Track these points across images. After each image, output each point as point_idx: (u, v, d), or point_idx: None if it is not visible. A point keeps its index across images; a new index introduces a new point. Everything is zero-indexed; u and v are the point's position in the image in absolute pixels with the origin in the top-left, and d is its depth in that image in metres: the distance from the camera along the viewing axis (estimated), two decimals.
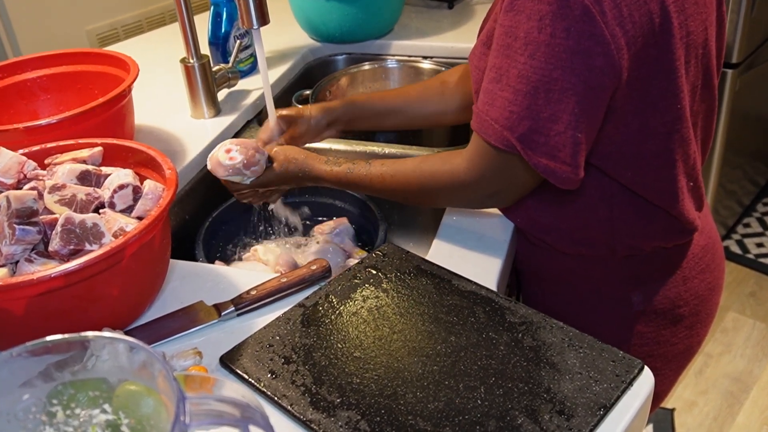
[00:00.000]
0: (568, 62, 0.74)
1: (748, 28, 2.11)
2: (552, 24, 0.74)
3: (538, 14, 0.75)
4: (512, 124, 0.78)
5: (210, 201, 1.25)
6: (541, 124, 0.77)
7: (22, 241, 0.75)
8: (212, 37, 1.46)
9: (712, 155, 2.32)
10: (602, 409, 0.67)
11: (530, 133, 0.78)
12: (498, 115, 0.80)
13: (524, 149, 0.79)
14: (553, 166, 0.78)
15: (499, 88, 0.79)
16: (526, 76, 0.76)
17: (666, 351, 1.00)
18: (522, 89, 0.77)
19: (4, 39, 2.33)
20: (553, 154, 0.78)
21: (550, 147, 0.78)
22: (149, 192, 0.82)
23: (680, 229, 0.92)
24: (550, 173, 0.79)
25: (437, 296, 0.83)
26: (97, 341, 0.50)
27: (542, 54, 0.75)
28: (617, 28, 0.74)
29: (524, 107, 0.77)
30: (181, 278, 0.92)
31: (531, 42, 0.76)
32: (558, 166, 0.78)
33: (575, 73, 0.75)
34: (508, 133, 0.79)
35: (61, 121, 1.01)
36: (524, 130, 0.78)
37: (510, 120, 0.79)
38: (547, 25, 0.74)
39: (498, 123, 0.80)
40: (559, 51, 0.74)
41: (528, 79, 0.76)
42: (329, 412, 0.68)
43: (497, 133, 0.80)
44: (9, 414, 0.49)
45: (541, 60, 0.75)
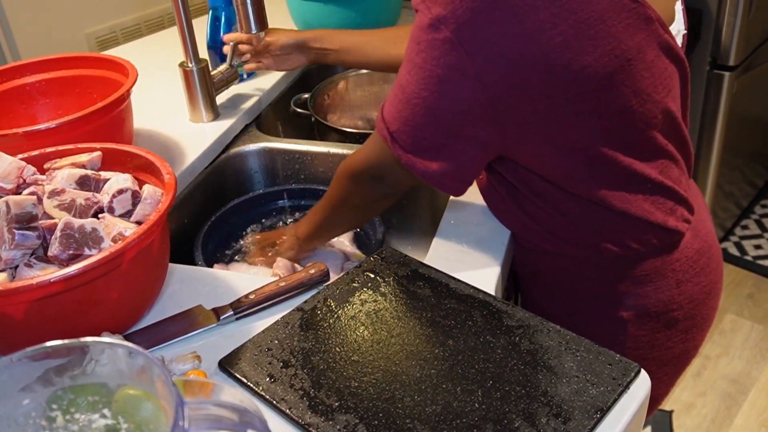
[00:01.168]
0: (436, 87, 0.81)
1: (746, 30, 2.11)
2: (426, 50, 0.80)
3: (417, 38, 0.82)
4: (390, 119, 0.87)
5: (209, 205, 1.25)
6: (410, 130, 0.85)
7: (21, 246, 0.75)
8: (211, 41, 1.47)
9: (709, 158, 2.33)
10: (599, 413, 0.67)
11: (399, 133, 0.86)
12: (387, 106, 0.88)
13: (392, 142, 0.87)
14: (414, 161, 0.86)
15: (395, 86, 0.87)
16: (404, 87, 0.84)
17: (661, 355, 1.01)
18: (399, 96, 0.85)
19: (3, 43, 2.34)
20: (417, 152, 0.85)
21: (420, 149, 0.85)
22: (148, 197, 0.82)
23: (656, 229, 0.92)
24: (411, 166, 0.86)
25: (435, 300, 0.83)
26: (97, 346, 0.51)
27: (416, 73, 0.82)
28: (486, 65, 0.78)
29: (398, 110, 0.85)
30: (180, 282, 0.92)
31: (410, 60, 0.83)
32: (424, 165, 0.85)
33: (442, 98, 0.81)
34: (384, 124, 0.88)
35: (60, 125, 1.02)
36: (396, 128, 0.86)
37: (390, 115, 0.87)
38: (422, 50, 0.81)
39: (382, 112, 0.89)
40: (429, 75, 0.81)
41: (404, 90, 0.84)
42: (327, 415, 0.69)
43: (379, 121, 0.89)
44: (9, 419, 0.49)
45: (415, 77, 0.82)
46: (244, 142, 1.35)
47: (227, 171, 1.32)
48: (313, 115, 1.40)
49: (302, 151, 1.32)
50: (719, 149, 2.31)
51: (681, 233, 0.95)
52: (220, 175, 1.30)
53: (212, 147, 1.29)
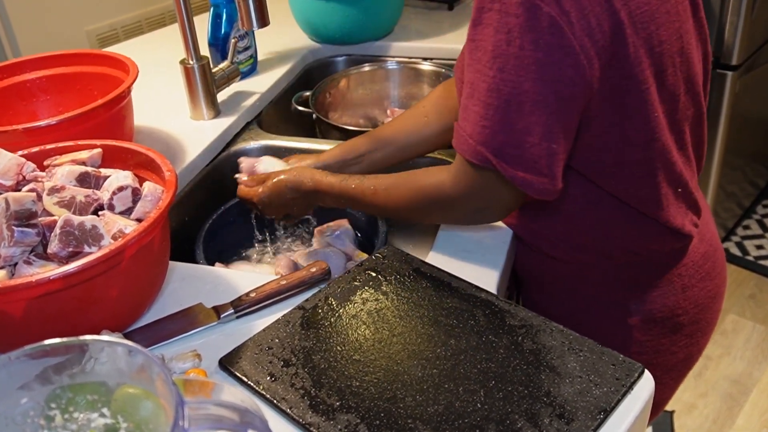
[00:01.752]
0: (538, 74, 0.74)
1: (748, 30, 2.11)
2: (520, 36, 0.74)
3: (506, 27, 0.74)
4: (486, 139, 0.78)
5: (209, 203, 1.24)
6: (514, 137, 0.77)
7: (20, 243, 0.75)
8: (212, 38, 1.46)
9: (711, 157, 2.32)
10: (602, 413, 0.67)
11: (504, 146, 0.78)
12: (472, 130, 0.80)
13: (499, 163, 0.78)
14: (530, 179, 0.78)
15: (473, 104, 0.79)
16: (497, 90, 0.76)
17: (665, 360, 1.00)
18: (493, 103, 0.77)
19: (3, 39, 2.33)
20: (529, 166, 0.78)
21: (525, 159, 0.78)
22: (148, 194, 0.82)
23: (672, 234, 0.91)
24: (528, 185, 0.79)
25: (437, 299, 0.82)
26: (96, 344, 0.50)
27: (512, 67, 0.75)
28: (586, 39, 0.74)
29: (496, 121, 0.77)
30: (181, 280, 0.91)
31: (500, 55, 0.75)
32: (535, 178, 0.78)
33: (546, 85, 0.75)
34: (482, 148, 0.79)
35: (60, 122, 1.01)
36: (498, 145, 0.78)
37: (483, 135, 0.78)
38: (515, 38, 0.74)
39: (473, 138, 0.80)
40: (529, 63, 0.74)
41: (499, 93, 0.76)
42: (328, 415, 0.68)
43: (472, 148, 0.80)
44: (7, 418, 0.49)
45: (511, 73, 0.75)
46: (246, 140, 1.34)
47: (228, 169, 1.32)
48: (315, 113, 1.40)
49: (303, 149, 1.31)
50: (721, 149, 2.31)
51: (691, 238, 0.94)
52: (221, 173, 1.30)
53: (213, 145, 1.28)
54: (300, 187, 1.01)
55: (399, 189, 0.93)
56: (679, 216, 0.90)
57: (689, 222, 0.92)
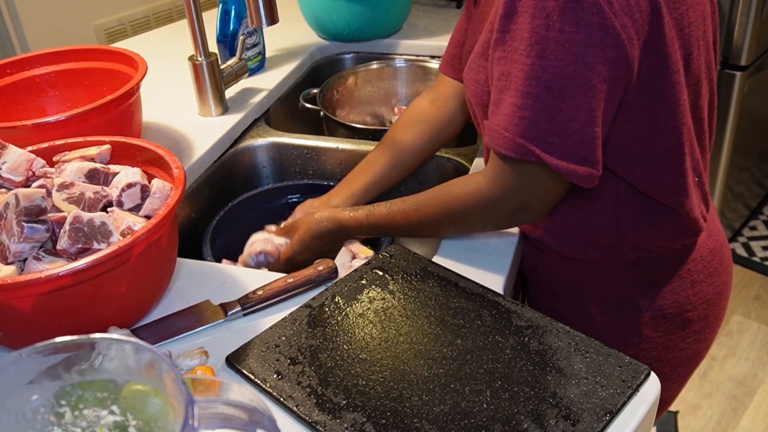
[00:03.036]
0: (581, 56, 0.72)
1: (758, 30, 2.10)
2: (560, 19, 0.72)
3: (544, 11, 0.72)
4: (525, 130, 0.76)
5: (217, 199, 1.25)
6: (556, 125, 0.75)
7: (30, 239, 0.75)
8: (220, 34, 1.46)
9: (719, 157, 2.31)
10: (608, 415, 0.67)
11: (546, 135, 0.75)
12: (508, 123, 0.77)
13: (543, 153, 0.76)
14: (574, 167, 0.76)
15: (508, 95, 0.77)
16: (536, 77, 0.74)
17: (674, 356, 1.00)
18: (532, 92, 0.74)
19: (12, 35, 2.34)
20: (573, 153, 0.75)
21: (569, 147, 0.75)
22: (157, 191, 0.82)
23: (686, 229, 0.91)
24: (573, 174, 0.76)
25: (444, 299, 0.82)
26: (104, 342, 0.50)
27: (552, 51, 0.73)
28: (626, 18, 0.72)
29: (536, 109, 0.75)
30: (188, 277, 0.92)
31: (538, 41, 0.73)
32: (579, 167, 0.76)
33: (588, 67, 0.73)
34: (522, 140, 0.76)
35: (69, 118, 1.01)
36: (539, 133, 0.75)
37: (522, 125, 0.76)
38: (555, 21, 0.72)
39: (510, 131, 0.77)
40: (570, 46, 0.72)
41: (539, 80, 0.74)
42: (335, 413, 0.69)
43: (510, 142, 0.77)
44: (18, 414, 0.49)
45: (551, 58, 0.73)
46: (253, 137, 1.34)
47: (236, 165, 1.32)
48: (322, 111, 1.40)
49: (311, 147, 1.31)
50: (729, 150, 2.30)
51: (700, 232, 0.94)
52: (228, 170, 1.30)
53: (221, 141, 1.28)
54: (325, 234, 1.00)
55: (431, 205, 0.90)
56: (696, 207, 0.90)
57: (701, 213, 0.93)
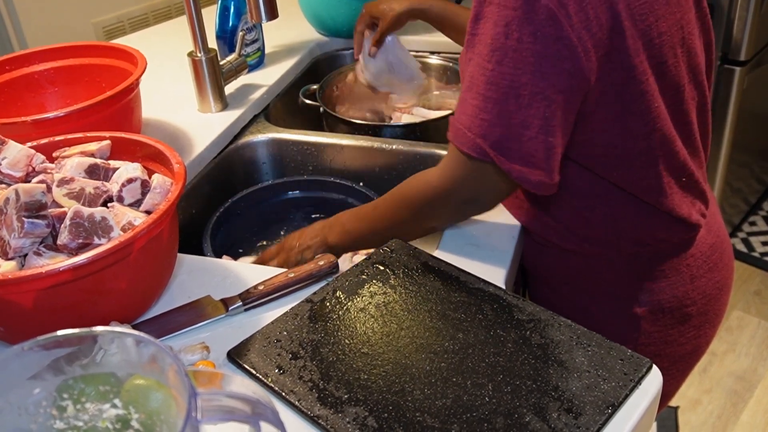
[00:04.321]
0: (536, 66, 0.75)
1: (757, 25, 2.10)
2: (518, 29, 0.74)
3: (504, 20, 0.75)
4: (484, 132, 0.79)
5: (217, 195, 1.25)
6: (512, 131, 0.78)
7: (30, 235, 0.75)
8: (220, 30, 1.46)
9: (718, 154, 2.31)
10: (610, 408, 0.67)
11: (502, 140, 0.78)
12: (470, 123, 0.80)
13: (497, 156, 0.79)
14: (527, 172, 0.79)
15: (471, 97, 0.80)
16: (495, 83, 0.77)
17: (673, 351, 1.00)
18: (492, 96, 0.77)
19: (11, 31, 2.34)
20: (527, 159, 0.78)
21: (523, 153, 0.78)
22: (157, 186, 0.82)
23: (679, 223, 0.92)
24: (524, 179, 0.80)
25: (445, 293, 0.82)
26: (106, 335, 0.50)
27: (510, 60, 0.76)
28: (584, 31, 0.74)
29: (495, 114, 0.78)
30: (189, 272, 0.92)
31: (498, 48, 0.76)
32: (531, 171, 0.79)
33: (544, 77, 0.75)
34: (480, 140, 0.79)
35: (68, 114, 1.01)
36: (496, 138, 0.79)
37: (482, 128, 0.79)
38: (513, 31, 0.75)
39: (470, 131, 0.80)
40: (527, 56, 0.75)
41: (497, 86, 0.77)
42: (337, 408, 0.68)
43: (470, 141, 0.81)
44: (20, 408, 0.49)
45: (509, 66, 0.76)
46: (253, 133, 1.34)
47: (235, 161, 1.32)
48: (322, 106, 1.39)
49: (311, 143, 1.31)
50: (728, 145, 2.30)
51: (698, 227, 0.94)
52: (228, 166, 1.30)
53: (221, 137, 1.28)
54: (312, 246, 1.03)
55: (389, 201, 0.95)
56: (684, 205, 0.91)
57: (696, 211, 0.93)
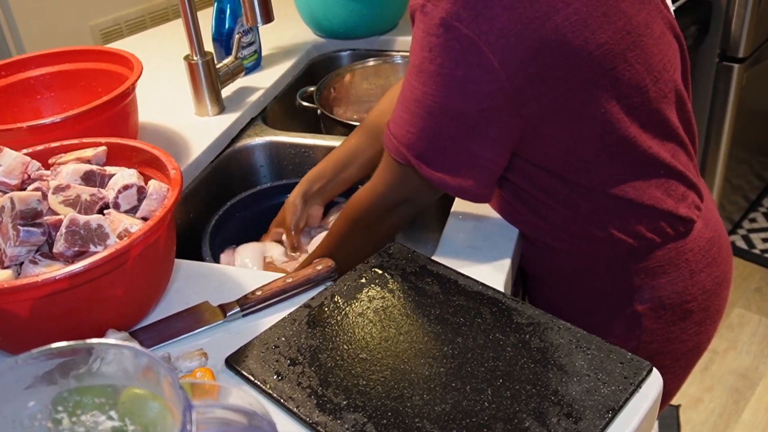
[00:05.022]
0: (458, 90, 0.78)
1: (755, 22, 2.09)
2: (441, 55, 0.77)
3: (428, 45, 0.78)
4: (409, 143, 0.83)
5: (214, 199, 1.24)
6: (435, 145, 0.82)
7: (26, 243, 0.74)
8: (216, 33, 1.46)
9: (718, 150, 2.31)
10: (610, 412, 0.66)
11: (426, 152, 0.82)
12: (397, 131, 0.85)
13: (419, 164, 0.83)
14: (448, 180, 0.83)
15: (401, 108, 0.84)
16: (421, 101, 0.81)
17: (675, 348, 1.00)
18: (418, 112, 0.81)
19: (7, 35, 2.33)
20: (449, 168, 0.83)
21: (446, 163, 0.82)
22: (154, 192, 0.82)
23: (669, 216, 0.92)
24: (445, 186, 0.83)
25: (443, 297, 0.82)
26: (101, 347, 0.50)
27: (433, 83, 0.79)
28: (505, 56, 0.75)
29: (419, 128, 0.82)
30: (186, 278, 0.91)
31: (423, 71, 0.79)
32: (452, 180, 0.83)
33: (465, 100, 0.78)
34: (404, 149, 0.84)
35: (65, 119, 1.01)
36: (419, 149, 0.83)
37: (407, 138, 0.83)
38: (436, 56, 0.78)
39: (397, 139, 0.85)
40: (448, 80, 0.78)
41: (422, 103, 0.80)
42: (336, 414, 0.68)
43: (396, 148, 0.85)
44: (15, 421, 0.49)
45: (432, 87, 0.79)
46: (250, 136, 1.34)
47: (233, 165, 1.32)
48: (320, 109, 1.39)
49: (308, 145, 1.31)
50: (727, 142, 2.30)
51: (693, 221, 0.94)
52: (225, 169, 1.30)
53: (218, 141, 1.28)
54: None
55: (333, 226, 0.99)
56: (669, 199, 0.91)
57: (686, 205, 0.93)
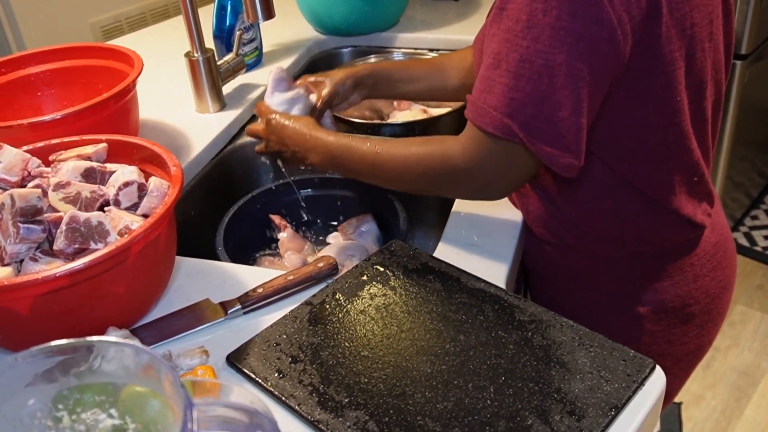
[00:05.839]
0: (574, 46, 0.72)
1: (758, 18, 2.09)
2: (558, 6, 0.72)
3: None
4: (513, 111, 0.76)
5: (216, 196, 1.24)
6: (544, 111, 0.75)
7: (26, 240, 0.74)
8: (216, 30, 1.45)
9: (720, 148, 2.31)
10: (613, 410, 0.66)
11: (533, 119, 0.75)
12: (497, 102, 0.77)
13: (527, 136, 0.76)
14: (557, 154, 0.76)
15: (498, 74, 0.76)
16: (529, 61, 0.74)
17: (676, 350, 0.99)
18: (524, 74, 0.74)
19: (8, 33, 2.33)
20: (557, 140, 0.76)
21: (554, 134, 0.75)
22: (154, 189, 0.81)
23: (685, 223, 0.91)
24: (554, 161, 0.77)
25: (445, 294, 0.82)
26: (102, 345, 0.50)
27: (546, 37, 0.73)
28: (624, 14, 0.72)
29: (527, 93, 0.75)
30: (187, 276, 0.91)
31: (535, 25, 0.73)
32: (561, 154, 0.76)
33: (580, 58, 0.73)
34: (509, 120, 0.76)
35: (65, 116, 1.00)
36: (526, 118, 0.75)
37: (511, 106, 0.76)
38: (553, 8, 0.72)
39: (497, 110, 0.77)
40: (565, 35, 0.72)
41: (531, 64, 0.74)
42: (337, 412, 0.68)
43: (496, 120, 0.77)
44: (15, 419, 0.49)
45: (545, 43, 0.73)
46: None
47: (234, 162, 1.31)
48: None
49: None
50: (730, 139, 2.29)
51: (704, 228, 0.93)
52: (226, 166, 1.29)
53: (219, 138, 1.27)
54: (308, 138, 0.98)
55: (398, 159, 0.89)
56: (690, 205, 0.90)
57: (702, 212, 0.92)
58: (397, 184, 0.93)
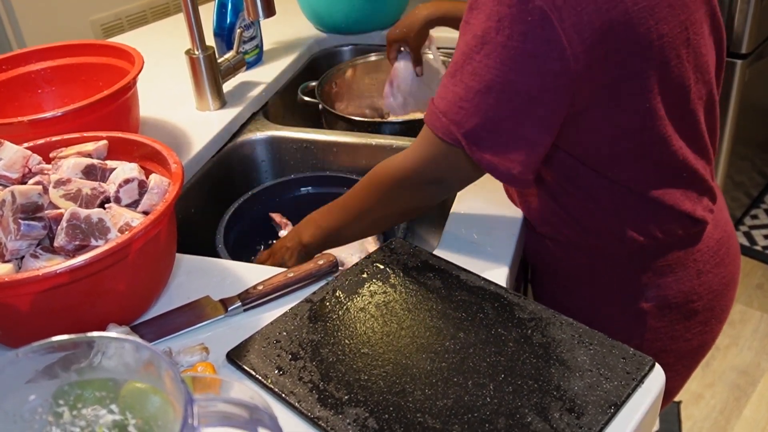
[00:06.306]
0: (524, 65, 0.75)
1: (758, 18, 2.08)
2: (510, 26, 0.74)
3: (497, 15, 0.75)
4: (460, 120, 0.79)
5: (216, 194, 1.24)
6: (489, 123, 0.78)
7: (27, 237, 0.74)
8: (217, 28, 1.45)
9: (720, 147, 2.31)
10: (613, 407, 0.66)
11: (477, 129, 0.79)
12: (447, 108, 0.81)
13: (468, 144, 0.80)
14: (497, 162, 0.79)
15: (453, 83, 0.80)
16: (480, 74, 0.77)
17: (680, 347, 1.00)
18: (474, 86, 0.78)
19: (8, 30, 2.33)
20: (499, 150, 0.79)
21: (499, 144, 0.79)
22: (155, 186, 0.81)
23: (685, 218, 0.91)
24: (493, 169, 0.80)
25: (445, 292, 0.82)
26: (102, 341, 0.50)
27: (498, 55, 0.76)
28: (574, 35, 0.74)
29: (474, 104, 0.78)
30: (188, 273, 0.91)
31: (488, 41, 0.76)
32: (501, 162, 0.79)
33: (529, 76, 0.76)
34: (454, 127, 0.80)
35: (65, 113, 1.01)
36: (471, 127, 0.79)
37: (458, 115, 0.80)
38: (505, 27, 0.75)
39: (446, 117, 0.81)
40: (515, 54, 0.75)
41: (482, 78, 0.77)
42: (337, 409, 0.68)
43: (444, 126, 0.81)
44: (15, 415, 0.49)
45: (496, 60, 0.76)
46: (252, 131, 1.33)
47: (234, 159, 1.31)
48: (321, 104, 1.39)
49: (310, 140, 1.30)
50: (730, 138, 2.29)
51: (705, 223, 0.93)
52: (227, 164, 1.29)
53: (219, 135, 1.27)
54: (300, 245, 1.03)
55: (353, 190, 0.96)
56: (689, 201, 0.90)
57: (702, 207, 0.92)
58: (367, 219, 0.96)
